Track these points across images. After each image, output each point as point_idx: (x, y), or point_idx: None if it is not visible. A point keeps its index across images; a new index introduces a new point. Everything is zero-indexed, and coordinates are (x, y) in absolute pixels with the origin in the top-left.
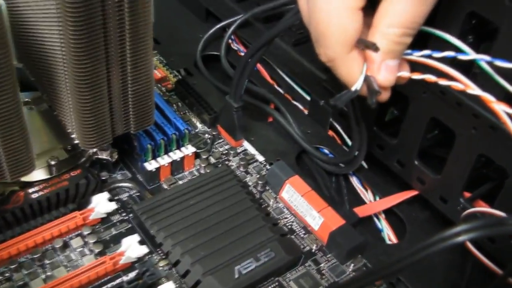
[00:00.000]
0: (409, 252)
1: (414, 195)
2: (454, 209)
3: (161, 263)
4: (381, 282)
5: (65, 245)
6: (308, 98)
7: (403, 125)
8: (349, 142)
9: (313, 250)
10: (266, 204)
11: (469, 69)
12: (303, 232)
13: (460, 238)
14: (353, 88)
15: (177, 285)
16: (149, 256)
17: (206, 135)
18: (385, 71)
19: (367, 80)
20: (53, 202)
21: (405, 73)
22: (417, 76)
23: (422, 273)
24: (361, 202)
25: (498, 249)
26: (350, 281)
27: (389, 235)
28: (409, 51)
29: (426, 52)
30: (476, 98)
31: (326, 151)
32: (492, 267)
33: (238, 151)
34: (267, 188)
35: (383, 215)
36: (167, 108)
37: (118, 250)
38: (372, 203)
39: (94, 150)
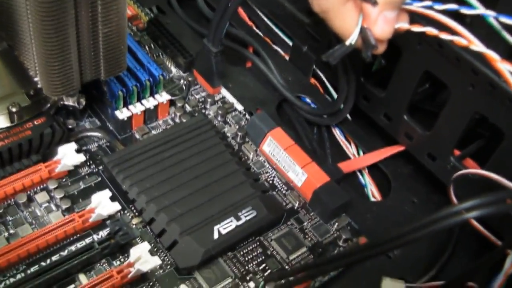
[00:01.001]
0: (412, 227)
1: (400, 150)
2: (443, 167)
3: (135, 221)
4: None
5: (29, 200)
6: (290, 43)
7: (393, 77)
8: (333, 92)
9: (296, 208)
10: (246, 157)
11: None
12: (285, 188)
13: (471, 214)
14: (347, 42)
15: (152, 246)
16: (122, 213)
17: (182, 81)
18: (382, 23)
19: (362, 32)
20: (15, 153)
21: (404, 25)
22: (417, 28)
23: None
24: (343, 155)
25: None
26: (344, 254)
27: (372, 192)
28: (409, 0)
29: (427, 2)
30: (477, 54)
31: (308, 100)
32: (486, 234)
33: (216, 98)
34: (247, 140)
35: (366, 170)
36: (140, 51)
37: (87, 206)
38: (357, 159)
39: None
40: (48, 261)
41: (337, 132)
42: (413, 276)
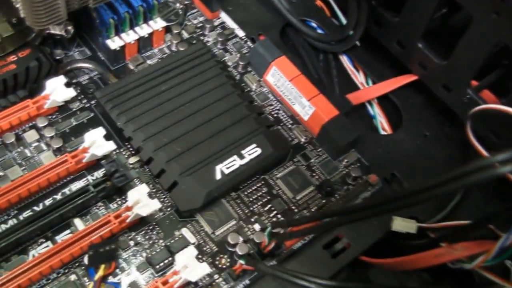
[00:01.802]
0: (440, 180)
1: (412, 80)
2: (458, 99)
3: (131, 161)
4: (377, 181)
5: (18, 140)
6: None
7: (409, 1)
8: (341, 16)
9: (302, 143)
10: (248, 89)
11: None
12: (291, 122)
13: (508, 168)
14: None
15: (151, 187)
16: (117, 152)
17: (177, 5)
18: None
19: None
20: None
21: None
22: None
23: (418, 167)
24: (351, 85)
25: None
26: (363, 206)
27: (382, 124)
28: None
29: None
30: None
31: (313, 24)
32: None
33: (215, 24)
34: (250, 69)
35: (376, 101)
36: None
37: (80, 145)
38: (366, 89)
39: None
40: (41, 205)
41: (345, 60)
42: (424, 215)
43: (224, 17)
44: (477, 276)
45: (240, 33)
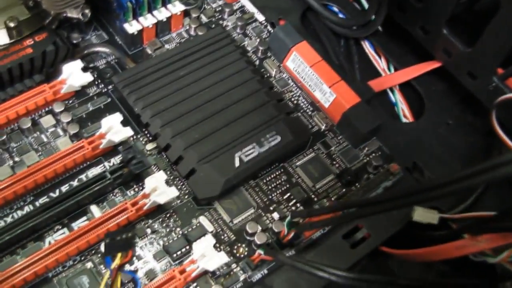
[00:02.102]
0: (466, 173)
1: (436, 67)
2: (484, 87)
3: (149, 147)
4: (398, 170)
5: (34, 125)
6: None
7: None
8: (363, 0)
9: (323, 131)
10: (268, 75)
11: None
12: (311, 109)
13: None
14: None
15: (168, 174)
16: (134, 138)
17: None
18: None
19: None
20: (15, 74)
21: None
22: None
23: (440, 156)
24: (373, 71)
25: None
26: (387, 198)
27: (404, 111)
28: None
29: None
30: None
31: (335, 8)
32: None
33: (234, 8)
34: (269, 55)
35: (398, 88)
36: None
37: (97, 131)
38: (388, 76)
39: None
40: (57, 192)
41: (367, 46)
42: (446, 205)
43: (243, 1)
44: (500, 269)
45: (260, 17)
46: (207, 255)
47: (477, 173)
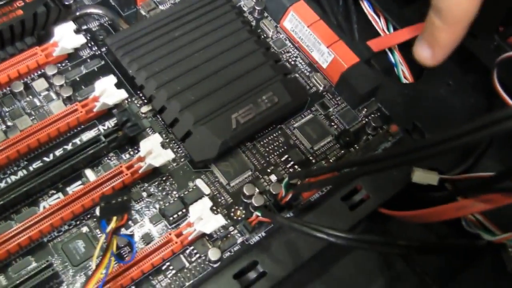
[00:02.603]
0: (465, 129)
1: None
2: (485, 46)
3: (144, 110)
4: (397, 131)
5: (27, 89)
6: None
7: None
8: None
9: (321, 92)
10: (265, 35)
11: None
12: (309, 70)
13: None
14: None
15: (164, 137)
16: (129, 101)
17: None
18: None
19: None
20: (6, 36)
21: None
22: None
23: (440, 117)
24: (372, 31)
25: None
26: (387, 156)
27: (404, 72)
28: None
29: None
30: None
31: None
32: None
33: None
34: (266, 15)
35: (397, 48)
36: None
37: (91, 94)
38: (387, 35)
39: None
40: (51, 156)
41: (365, 5)
42: (445, 166)
43: None
44: None
45: None
46: (204, 218)
47: (477, 129)
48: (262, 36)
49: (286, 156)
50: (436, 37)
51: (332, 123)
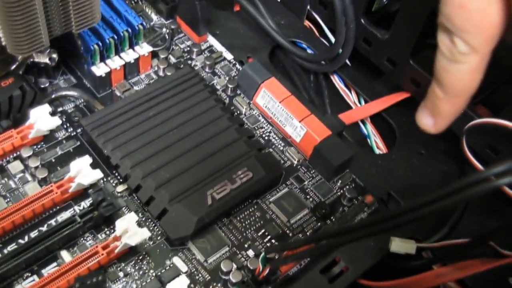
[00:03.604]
0: (436, 195)
1: (405, 98)
2: None
3: (119, 189)
4: (373, 201)
5: (2, 171)
6: None
7: (398, 17)
8: (330, 35)
9: (295, 165)
10: (238, 112)
11: None
12: (283, 144)
13: (505, 181)
14: None
15: (140, 216)
16: (104, 181)
17: (164, 30)
18: None
19: None
20: None
21: None
22: None
23: (414, 186)
24: (344, 105)
25: None
26: (356, 227)
27: (377, 143)
28: None
29: None
30: None
31: (303, 45)
32: (508, 192)
33: (203, 47)
34: (239, 92)
35: (369, 120)
36: None
37: (66, 175)
38: (358, 108)
39: None
40: (26, 238)
41: (336, 80)
42: (422, 235)
43: (211, 40)
44: None
45: (229, 56)
46: None
47: (449, 194)
48: (236, 113)
49: (263, 230)
50: (438, 108)
51: (308, 196)
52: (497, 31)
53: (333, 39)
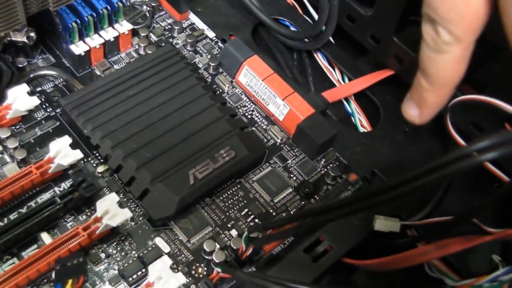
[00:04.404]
0: (419, 171)
1: (389, 75)
2: None
3: (100, 169)
4: (357, 179)
5: None
6: None
7: None
8: (313, 12)
9: (278, 144)
10: (220, 91)
11: None
12: (266, 123)
13: (488, 156)
14: None
15: (121, 196)
16: (85, 161)
17: (144, 7)
18: None
19: None
20: None
21: None
22: None
23: (398, 164)
24: (327, 83)
25: None
26: (340, 204)
27: (361, 121)
28: None
29: None
30: None
31: (286, 23)
32: (493, 170)
33: (184, 25)
34: (221, 71)
35: (353, 98)
36: None
37: (45, 156)
38: (342, 86)
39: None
40: (6, 220)
41: (319, 57)
42: (406, 213)
43: (193, 18)
44: None
45: (211, 34)
46: (163, 277)
47: (432, 170)
48: (218, 92)
49: (246, 210)
50: (423, 98)
51: (291, 175)
52: (480, 21)
53: (316, 16)
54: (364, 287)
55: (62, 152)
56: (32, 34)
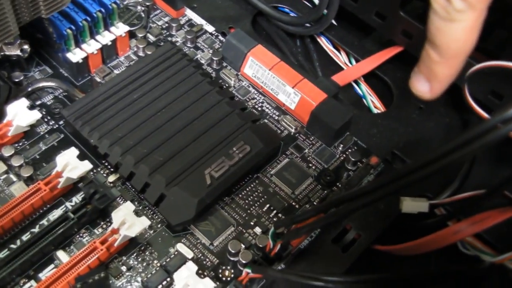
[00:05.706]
0: (444, 149)
1: (398, 52)
2: None
3: (111, 179)
4: (378, 162)
5: None
6: None
7: None
8: None
9: (293, 134)
10: (227, 85)
11: None
12: (277, 113)
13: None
14: None
15: (136, 205)
16: (94, 172)
17: (139, 8)
18: None
19: None
20: None
21: None
22: None
23: (417, 142)
24: (334, 66)
25: None
26: (366, 190)
27: (373, 102)
28: None
29: None
30: None
31: (286, 9)
32: None
33: (181, 22)
34: (225, 64)
35: (362, 80)
36: None
37: (53, 171)
38: (350, 68)
39: None
40: (18, 242)
41: (323, 41)
42: (432, 192)
43: (190, 14)
44: None
45: (210, 28)
46: (190, 284)
47: (460, 146)
48: (224, 86)
49: (267, 205)
50: (433, 71)
51: (310, 164)
52: None
53: (316, 1)
54: (397, 271)
55: (70, 165)
56: (26, 47)
